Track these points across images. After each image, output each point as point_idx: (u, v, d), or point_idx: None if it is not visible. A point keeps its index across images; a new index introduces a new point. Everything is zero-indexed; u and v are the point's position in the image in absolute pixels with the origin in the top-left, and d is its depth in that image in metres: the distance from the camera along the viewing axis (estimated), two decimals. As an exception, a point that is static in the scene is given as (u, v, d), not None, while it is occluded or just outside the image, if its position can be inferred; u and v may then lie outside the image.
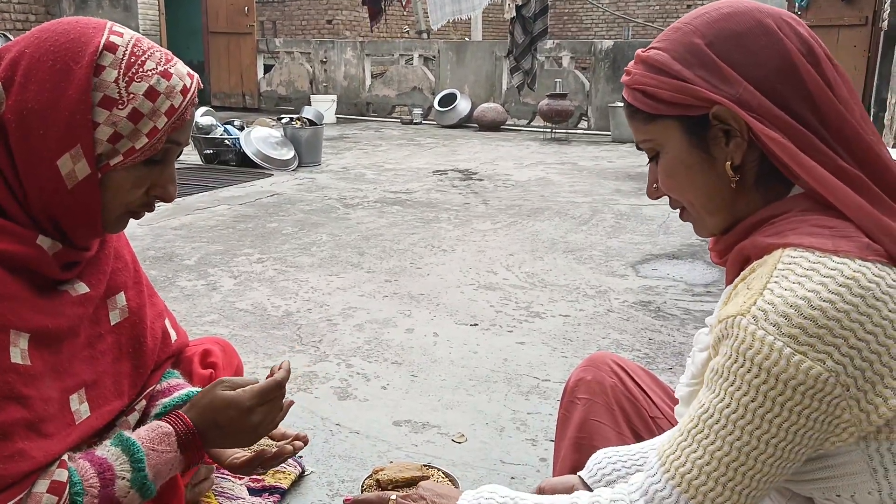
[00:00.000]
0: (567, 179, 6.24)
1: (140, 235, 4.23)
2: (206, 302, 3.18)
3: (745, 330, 0.80)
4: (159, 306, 1.34)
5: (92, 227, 1.06)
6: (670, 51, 0.92)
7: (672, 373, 2.50)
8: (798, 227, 0.85)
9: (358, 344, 2.73)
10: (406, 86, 11.19)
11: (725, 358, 0.82)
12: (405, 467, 1.73)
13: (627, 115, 0.99)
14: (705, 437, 0.83)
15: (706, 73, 0.89)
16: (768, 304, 0.79)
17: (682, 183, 0.95)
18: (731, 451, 0.81)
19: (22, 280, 1.00)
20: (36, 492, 0.98)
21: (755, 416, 0.80)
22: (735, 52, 0.88)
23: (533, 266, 3.74)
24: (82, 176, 1.00)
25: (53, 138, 0.98)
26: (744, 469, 0.81)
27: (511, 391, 2.36)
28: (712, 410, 0.83)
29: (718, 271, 3.67)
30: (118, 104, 1.00)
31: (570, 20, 18.06)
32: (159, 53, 1.06)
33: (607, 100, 9.36)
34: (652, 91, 0.92)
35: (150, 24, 11.26)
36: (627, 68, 0.98)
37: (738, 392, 0.80)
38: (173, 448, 1.09)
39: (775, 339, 0.77)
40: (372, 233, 4.39)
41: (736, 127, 0.88)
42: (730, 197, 0.93)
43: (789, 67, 0.87)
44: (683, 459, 0.84)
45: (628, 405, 1.28)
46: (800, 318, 0.77)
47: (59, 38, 1.00)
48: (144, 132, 1.02)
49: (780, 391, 0.78)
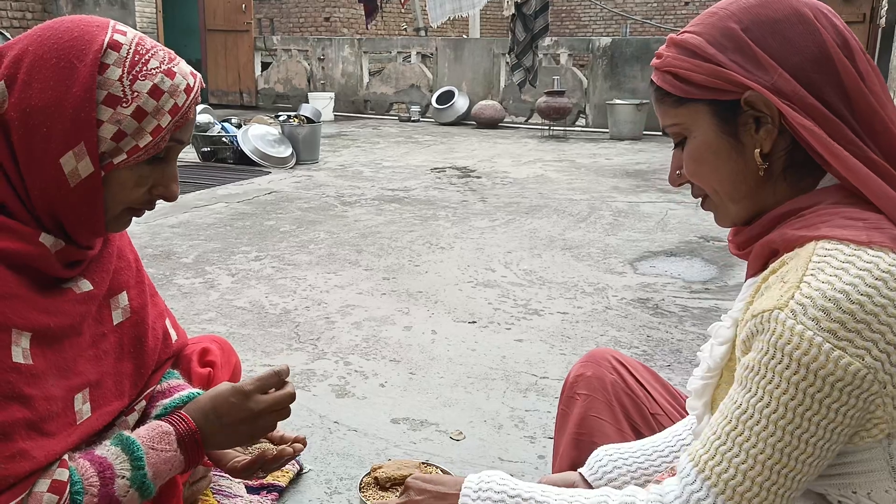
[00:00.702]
0: (565, 177, 6.24)
1: (138, 233, 4.22)
2: (204, 300, 3.17)
3: (783, 324, 0.78)
4: (160, 306, 1.34)
5: (94, 225, 1.06)
6: (705, 35, 0.91)
7: (670, 370, 2.50)
8: (830, 220, 0.84)
9: (356, 342, 2.73)
10: (404, 83, 11.18)
11: (762, 354, 0.80)
12: (403, 465, 1.73)
13: (656, 99, 0.98)
14: (746, 440, 0.81)
15: (741, 59, 0.88)
16: (806, 297, 0.78)
17: (709, 169, 0.94)
18: (773, 452, 0.80)
19: (24, 278, 1.00)
20: (37, 491, 0.98)
21: (795, 414, 0.78)
22: (771, 39, 0.88)
23: (531, 263, 3.74)
24: (85, 174, 1.00)
25: (57, 136, 0.98)
26: (785, 470, 0.80)
27: (509, 388, 2.36)
28: (751, 410, 0.81)
29: (717, 268, 3.67)
30: (122, 102, 1.00)
31: (568, 17, 18.05)
32: (163, 52, 1.06)
33: (605, 97, 9.36)
34: (684, 74, 0.91)
35: (148, 21, 11.24)
36: (659, 51, 0.97)
37: (778, 390, 0.79)
38: (173, 447, 1.09)
39: (815, 335, 0.76)
40: (370, 230, 4.39)
41: (767, 114, 0.88)
42: (756, 185, 0.92)
43: (825, 57, 0.87)
44: (725, 465, 0.83)
45: (628, 401, 1.28)
46: (839, 312, 0.76)
47: (63, 36, 1.00)
48: (148, 130, 1.02)
49: (818, 388, 0.77)
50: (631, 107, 8.65)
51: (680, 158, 0.99)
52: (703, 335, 2.81)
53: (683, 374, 2.47)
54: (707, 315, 3.02)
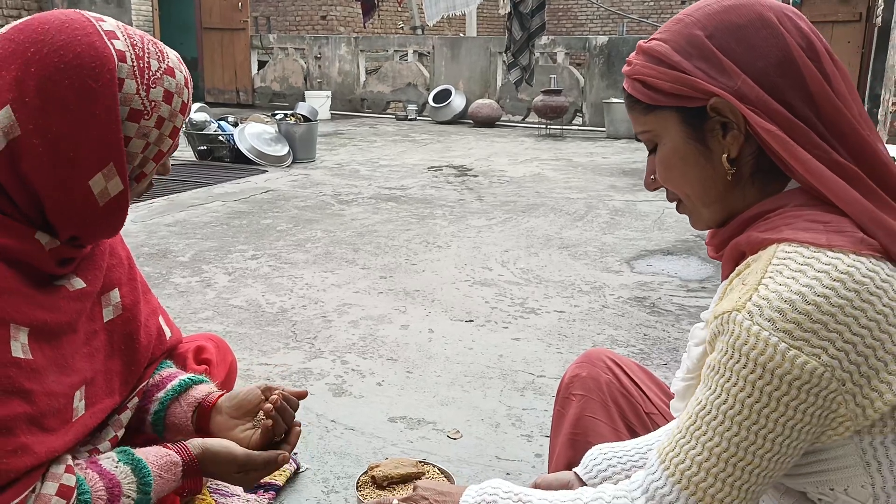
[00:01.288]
0: (562, 175, 6.24)
1: (134, 232, 4.21)
2: (201, 299, 3.17)
3: (739, 325, 0.80)
4: (153, 303, 1.34)
5: (113, 232, 1.09)
6: (671, 42, 0.92)
7: (667, 368, 2.50)
8: (793, 223, 0.85)
9: (353, 340, 2.73)
10: (400, 82, 11.17)
11: (721, 354, 0.82)
12: (400, 464, 1.73)
13: (627, 106, 0.99)
14: (703, 434, 0.83)
15: (705, 65, 0.89)
16: (763, 299, 0.79)
17: (679, 174, 0.96)
18: (728, 446, 0.81)
19: (19, 274, 1.00)
20: (45, 493, 0.98)
21: (751, 410, 0.80)
22: (735, 45, 0.89)
23: (528, 262, 3.74)
24: (115, 192, 1.01)
25: (85, 160, 0.98)
26: (742, 464, 0.81)
27: (506, 387, 2.36)
28: (709, 407, 0.83)
29: (713, 267, 3.67)
30: (144, 115, 1.01)
31: (565, 16, 18.04)
32: (152, 46, 1.05)
33: (602, 96, 9.36)
34: (651, 81, 0.93)
35: (144, 19, 11.22)
36: (629, 59, 0.98)
37: (735, 388, 0.81)
38: (178, 477, 1.14)
39: (770, 335, 0.78)
40: (367, 229, 4.38)
41: (733, 119, 0.89)
42: (725, 190, 0.93)
43: (789, 61, 0.87)
44: (682, 456, 0.85)
45: (623, 401, 1.28)
46: (794, 313, 0.77)
47: (65, 54, 0.96)
48: (167, 134, 1.05)
49: (775, 386, 0.78)
50: (628, 105, 8.65)
51: (653, 164, 1.00)
52: (699, 334, 2.81)
53: (680, 372, 2.47)
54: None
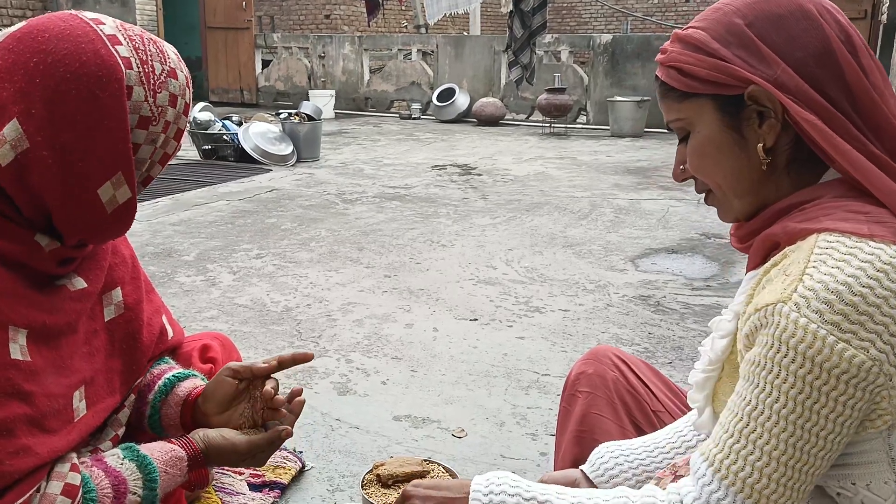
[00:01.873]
0: (566, 174, 6.23)
1: (139, 231, 4.22)
2: (206, 298, 3.17)
3: (787, 318, 0.78)
4: (156, 302, 1.34)
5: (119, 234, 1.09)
6: (709, 30, 0.92)
7: (672, 367, 2.50)
8: (832, 213, 0.85)
9: (357, 339, 2.73)
10: (404, 80, 11.16)
11: (767, 348, 0.81)
12: (405, 462, 1.73)
13: (660, 94, 0.98)
14: (758, 437, 0.81)
15: (744, 53, 0.89)
16: (809, 290, 0.78)
17: (712, 164, 0.95)
18: (785, 447, 0.80)
19: (18, 276, 0.99)
20: (50, 493, 0.98)
21: (803, 408, 0.79)
22: (775, 34, 0.88)
23: (532, 261, 3.74)
24: (123, 200, 1.01)
25: (93, 170, 0.97)
26: (798, 465, 0.80)
27: (511, 386, 2.36)
28: (761, 406, 0.81)
29: (718, 265, 3.67)
30: (152, 122, 1.01)
31: (569, 14, 18.02)
32: (153, 47, 1.03)
33: (606, 94, 9.34)
34: (688, 69, 0.92)
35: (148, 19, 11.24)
36: (664, 47, 0.98)
37: (785, 384, 0.79)
38: (183, 473, 1.14)
39: (819, 327, 0.77)
40: (371, 228, 4.38)
41: (771, 108, 0.88)
42: (759, 180, 0.93)
43: (828, 53, 0.87)
44: (735, 459, 0.83)
45: (630, 399, 1.27)
46: (841, 304, 0.77)
47: (70, 63, 0.94)
48: (172, 136, 1.05)
49: (824, 381, 0.77)
50: (632, 104, 8.64)
51: (684, 154, 0.99)
52: (704, 332, 2.80)
53: (685, 371, 2.47)
54: (708, 312, 3.02)
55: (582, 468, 1.18)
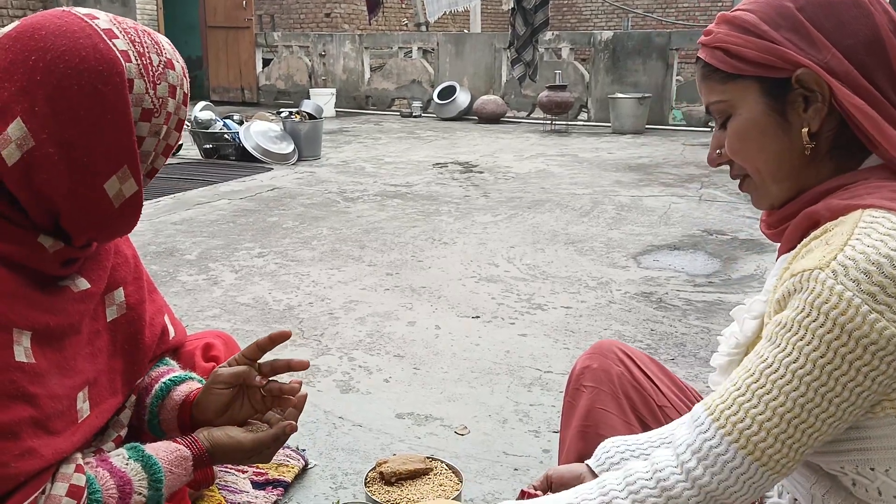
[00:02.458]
0: (567, 171, 6.23)
1: (141, 231, 4.22)
2: (208, 296, 3.17)
3: (822, 284, 0.78)
4: (159, 302, 1.34)
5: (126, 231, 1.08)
6: (759, 12, 0.92)
7: (674, 364, 2.50)
8: (876, 192, 0.85)
9: (360, 337, 2.73)
10: (405, 79, 11.16)
11: (797, 311, 0.80)
12: (408, 459, 1.73)
13: (703, 76, 0.98)
14: (767, 392, 0.81)
15: (795, 37, 0.89)
16: (850, 259, 0.78)
17: (754, 147, 0.94)
18: (793, 406, 0.80)
19: (21, 278, 0.99)
20: (55, 494, 0.98)
21: (823, 372, 0.78)
22: (825, 20, 0.89)
23: (534, 258, 3.74)
24: (129, 193, 1.01)
25: (99, 165, 0.97)
26: (803, 426, 0.80)
27: (513, 383, 2.36)
28: (776, 364, 0.81)
29: (720, 261, 3.66)
30: (154, 113, 1.01)
31: (570, 11, 18.00)
32: (148, 39, 1.03)
33: (607, 91, 9.33)
34: (735, 49, 0.92)
35: (148, 18, 11.24)
36: (708, 29, 0.97)
37: (808, 347, 0.79)
38: (188, 472, 1.14)
39: (854, 295, 0.76)
40: (372, 226, 4.38)
41: (818, 92, 0.88)
42: (800, 165, 0.93)
43: (877, 41, 0.88)
44: (742, 415, 0.82)
45: (635, 394, 1.27)
46: (881, 276, 0.76)
47: (70, 59, 0.94)
48: (174, 128, 1.05)
49: (850, 348, 0.77)
50: (633, 101, 8.63)
51: (720, 138, 0.99)
52: (706, 328, 2.80)
53: (687, 367, 2.47)
54: (710, 308, 3.01)
55: (587, 463, 1.18)
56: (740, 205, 4.81)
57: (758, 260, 3.67)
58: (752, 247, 3.90)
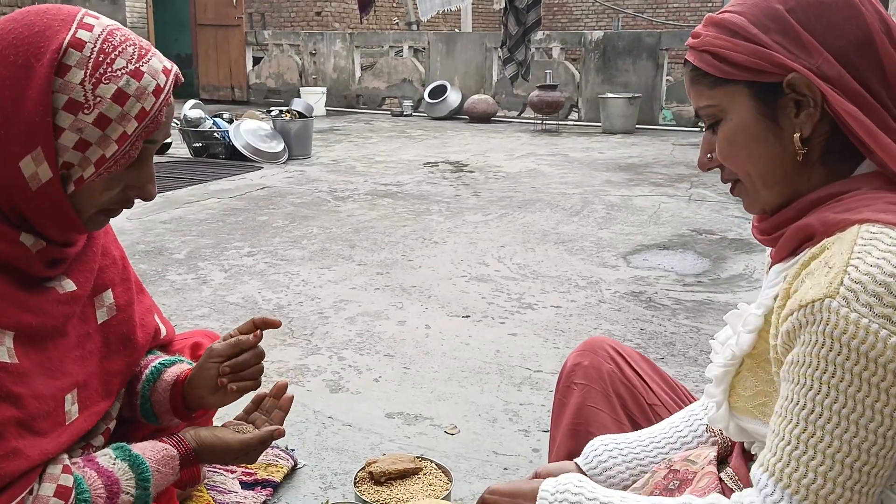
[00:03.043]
0: (558, 171, 6.24)
1: (129, 229, 4.20)
2: (197, 296, 3.16)
3: (836, 313, 0.76)
4: (147, 302, 1.33)
5: (65, 227, 1.02)
6: (748, 14, 0.89)
7: (664, 362, 2.50)
8: (871, 204, 0.83)
9: (350, 336, 2.73)
10: (396, 78, 11.15)
11: (815, 346, 0.78)
12: (398, 459, 1.73)
13: (691, 80, 0.95)
14: (820, 440, 0.78)
15: (784, 40, 0.87)
16: (856, 283, 0.76)
17: (744, 152, 0.92)
18: (843, 446, 0.77)
19: (5, 277, 0.98)
20: (42, 494, 0.98)
21: (860, 404, 0.76)
22: (816, 22, 0.86)
23: (524, 257, 3.74)
24: (45, 179, 0.96)
25: (14, 139, 0.94)
26: (860, 465, 0.77)
27: (503, 382, 2.36)
28: (812, 405, 0.78)
29: (709, 261, 3.68)
30: (83, 108, 0.95)
31: (560, 11, 18.03)
32: (132, 48, 1.00)
33: (597, 91, 9.35)
34: (724, 53, 0.89)
35: (138, 16, 11.17)
36: (696, 31, 0.95)
37: (842, 383, 0.76)
38: (175, 471, 1.14)
39: (870, 322, 0.74)
40: (363, 225, 4.38)
41: (810, 97, 0.86)
42: (791, 171, 0.90)
43: (868, 42, 0.86)
44: (796, 466, 0.79)
45: (625, 391, 1.27)
46: (891, 296, 0.74)
47: (23, 32, 0.95)
48: (114, 138, 0.97)
49: (881, 377, 0.75)
50: (623, 101, 8.65)
51: (711, 142, 0.97)
52: (696, 328, 2.81)
53: (676, 366, 2.48)
54: (700, 308, 3.03)
55: (576, 461, 1.18)
56: (729, 204, 4.83)
57: (747, 259, 3.69)
58: (742, 246, 3.92)
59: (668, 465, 1.07)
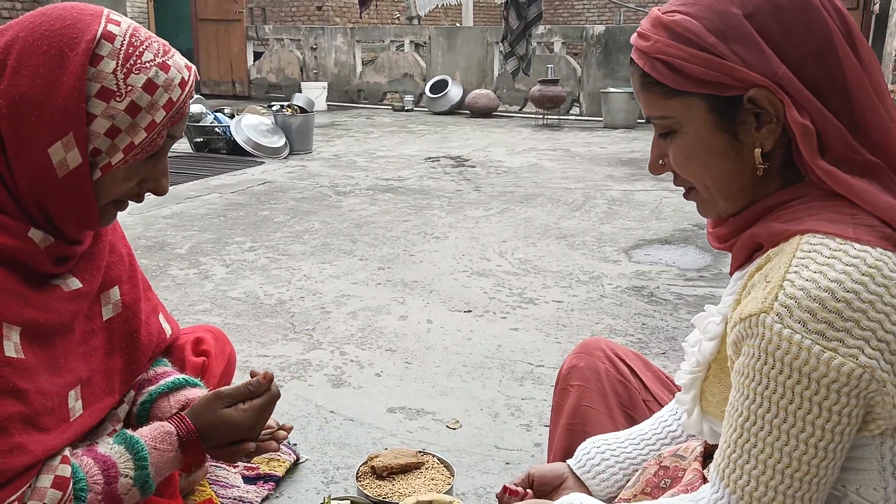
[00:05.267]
0: (559, 165, 6.23)
1: (131, 224, 4.20)
2: (199, 291, 3.16)
3: (770, 329, 0.75)
4: (153, 301, 1.33)
5: (84, 217, 1.04)
6: (702, 19, 0.82)
7: (665, 357, 2.51)
8: (817, 213, 0.81)
9: (351, 331, 2.73)
10: (397, 72, 11.13)
11: (753, 359, 0.78)
12: (400, 454, 1.73)
13: (641, 86, 0.89)
14: (753, 446, 0.79)
15: (744, 50, 0.80)
16: (791, 298, 0.74)
17: (700, 166, 0.88)
18: (781, 456, 0.77)
19: (12, 273, 0.99)
20: (40, 486, 0.98)
21: (795, 417, 0.75)
22: (776, 28, 0.80)
23: (526, 252, 3.74)
24: (73, 165, 0.98)
25: (45, 126, 0.96)
26: (798, 474, 0.77)
27: (505, 377, 2.36)
28: (753, 417, 0.79)
29: (711, 256, 3.67)
30: (116, 96, 0.99)
31: (562, 5, 17.98)
32: (157, 44, 1.04)
33: (599, 85, 9.34)
34: (679, 64, 0.83)
35: (139, 11, 11.16)
36: (643, 31, 0.87)
37: (774, 395, 0.76)
38: (174, 448, 1.12)
39: (803, 338, 0.73)
40: (364, 220, 4.38)
41: (772, 112, 0.82)
42: (750, 183, 0.87)
43: (829, 50, 0.81)
44: (735, 469, 0.81)
45: (621, 390, 1.28)
46: (825, 312, 0.73)
47: (55, 24, 0.98)
48: (143, 126, 1.01)
49: (814, 390, 0.74)
50: (625, 95, 8.63)
51: (663, 147, 0.92)
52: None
53: (678, 361, 2.47)
54: (702, 302, 3.02)
55: (569, 463, 1.18)
56: (731, 199, 4.83)
57: (748, 254, 3.69)
58: (743, 241, 3.91)
59: (658, 461, 1.07)
